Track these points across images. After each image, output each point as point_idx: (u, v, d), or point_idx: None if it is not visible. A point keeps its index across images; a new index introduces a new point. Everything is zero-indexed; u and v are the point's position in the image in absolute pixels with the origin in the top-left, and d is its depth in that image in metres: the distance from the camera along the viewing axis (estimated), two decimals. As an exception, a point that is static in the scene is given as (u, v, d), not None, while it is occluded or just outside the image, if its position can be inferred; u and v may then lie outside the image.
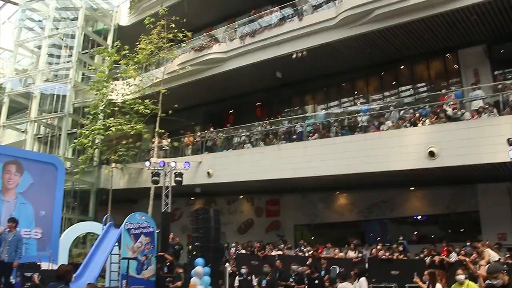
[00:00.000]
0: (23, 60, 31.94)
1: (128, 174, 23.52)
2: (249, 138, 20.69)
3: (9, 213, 13.94)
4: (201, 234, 15.00)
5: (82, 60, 26.59)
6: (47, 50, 27.08)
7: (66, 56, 26.70)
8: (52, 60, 27.44)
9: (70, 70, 25.61)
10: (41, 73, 26.60)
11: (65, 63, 26.29)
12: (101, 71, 23.10)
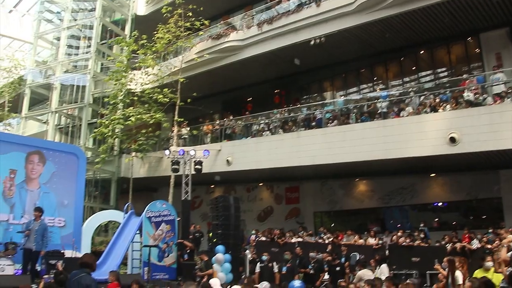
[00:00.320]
0: (43, 52, 32.26)
1: (148, 163, 23.70)
2: (268, 126, 20.65)
3: (33, 202, 14.26)
4: (221, 221, 15.12)
5: (100, 50, 26.73)
6: (66, 42, 27.28)
7: (85, 47, 26.87)
8: (71, 51, 27.63)
9: (89, 61, 25.77)
10: (60, 64, 26.82)
11: (84, 54, 26.45)
12: (120, 61, 23.25)
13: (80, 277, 6.00)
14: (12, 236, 12.42)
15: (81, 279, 5.97)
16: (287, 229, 19.59)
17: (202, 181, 22.08)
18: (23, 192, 14.55)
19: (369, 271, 11.80)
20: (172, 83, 21.47)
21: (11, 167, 14.38)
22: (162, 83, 22.08)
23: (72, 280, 6.07)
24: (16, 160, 14.54)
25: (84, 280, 5.97)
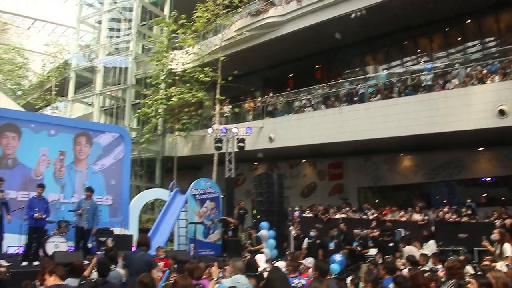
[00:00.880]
0: (86, 36, 32.91)
1: (191, 142, 23.97)
2: (310, 102, 20.50)
3: (82, 182, 14.68)
4: (265, 198, 15.19)
5: (141, 32, 27.03)
6: (107, 25, 27.75)
7: (125, 29, 27.23)
8: (113, 34, 28.07)
9: (130, 43, 26.15)
10: (103, 47, 27.33)
11: (125, 36, 26.84)
12: (160, 41, 23.44)
13: (141, 254, 6.83)
14: (64, 215, 12.86)
15: (142, 256, 6.79)
16: (330, 205, 19.52)
17: (245, 159, 22.17)
18: (72, 173, 14.99)
19: (413, 247, 11.65)
20: (212, 62, 21.51)
21: (60, 149, 14.82)
22: (202, 62, 22.16)
23: (134, 257, 6.86)
24: (64, 142, 14.97)
25: (145, 257, 6.78)
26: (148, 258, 6.86)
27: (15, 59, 36.87)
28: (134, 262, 6.81)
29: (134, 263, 6.77)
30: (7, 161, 13.78)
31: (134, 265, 6.75)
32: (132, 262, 6.85)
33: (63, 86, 31.20)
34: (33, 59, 39.26)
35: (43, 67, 36.23)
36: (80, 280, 6.23)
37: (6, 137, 13.83)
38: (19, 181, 13.61)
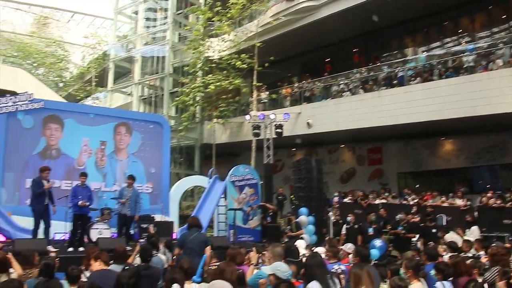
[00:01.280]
0: (123, 26, 33.35)
1: (229, 129, 24.07)
2: (348, 86, 20.26)
3: (122, 171, 14.97)
4: (304, 184, 15.15)
5: (177, 20, 27.20)
6: (144, 15, 28.05)
7: (161, 18, 27.46)
8: (149, 23, 28.36)
9: (167, 32, 26.38)
10: (140, 37, 27.68)
11: (162, 26, 27.07)
12: (196, 29, 23.52)
13: (196, 234, 7.25)
14: (106, 203, 13.16)
15: (197, 236, 7.24)
16: (370, 190, 19.31)
17: (283, 145, 22.14)
18: (113, 162, 15.28)
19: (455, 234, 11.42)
20: (249, 48, 21.46)
21: (101, 138, 15.12)
22: (239, 49, 22.15)
23: (190, 238, 7.22)
24: (105, 132, 15.26)
25: (200, 236, 7.26)
26: (204, 238, 7.32)
27: (56, 52, 37.85)
28: (190, 241, 7.16)
29: (191, 243, 7.13)
30: (51, 151, 14.16)
31: (191, 244, 7.11)
32: (188, 242, 7.17)
33: (102, 77, 31.81)
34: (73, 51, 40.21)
35: (83, 59, 37.04)
36: (124, 266, 6.36)
37: (50, 129, 14.20)
38: (63, 171, 13.98)
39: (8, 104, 12.88)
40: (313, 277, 4.70)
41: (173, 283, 4.21)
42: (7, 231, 11.35)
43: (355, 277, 4.38)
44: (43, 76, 35.48)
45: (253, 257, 5.88)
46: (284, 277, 4.55)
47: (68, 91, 37.30)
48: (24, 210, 12.20)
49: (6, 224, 11.73)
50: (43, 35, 39.30)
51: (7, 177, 13.36)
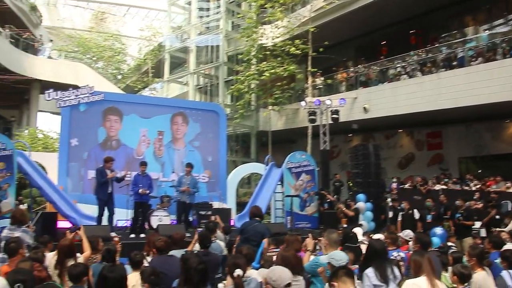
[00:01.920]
0: (177, 17, 33.82)
1: (285, 115, 24.02)
2: (405, 69, 19.69)
3: (180, 160, 15.24)
4: (361, 170, 14.94)
5: (230, 9, 27.31)
6: (197, 5, 28.36)
7: (214, 7, 27.66)
8: (203, 13, 28.64)
9: (220, 21, 26.55)
10: (194, 27, 28.03)
11: (215, 15, 27.27)
12: (249, 17, 23.53)
13: (255, 225, 7.34)
14: (166, 190, 13.48)
15: (256, 227, 7.31)
16: (429, 176, 18.79)
17: (340, 130, 21.89)
18: (171, 152, 15.58)
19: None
20: (302, 34, 21.26)
21: (159, 128, 15.45)
22: (292, 35, 21.99)
23: (249, 228, 7.37)
24: (163, 122, 15.56)
25: (258, 227, 7.31)
26: (261, 229, 7.32)
27: (114, 46, 38.94)
28: (247, 231, 7.30)
29: (248, 232, 7.27)
30: (111, 142, 14.64)
31: (247, 234, 7.25)
32: (246, 231, 7.33)
33: (158, 68, 32.44)
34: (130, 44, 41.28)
35: (139, 51, 37.94)
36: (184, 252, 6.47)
37: (109, 120, 14.67)
38: (123, 161, 14.39)
39: (71, 98, 13.38)
40: (371, 263, 4.66)
41: (236, 268, 4.23)
42: (73, 218, 11.81)
43: (416, 264, 4.28)
44: (102, 69, 36.60)
45: (310, 244, 5.86)
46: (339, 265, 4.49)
47: (126, 83, 38.30)
48: (88, 198, 12.73)
49: (72, 211, 12.21)
50: (101, 29, 40.51)
51: (71, 167, 13.97)
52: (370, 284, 4.54)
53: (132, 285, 4.92)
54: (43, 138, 20.92)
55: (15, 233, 6.37)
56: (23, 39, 24.90)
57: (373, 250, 4.80)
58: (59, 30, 39.50)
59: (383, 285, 4.53)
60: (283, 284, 3.53)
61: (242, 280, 4.17)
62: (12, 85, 24.49)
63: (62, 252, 5.45)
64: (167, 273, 4.74)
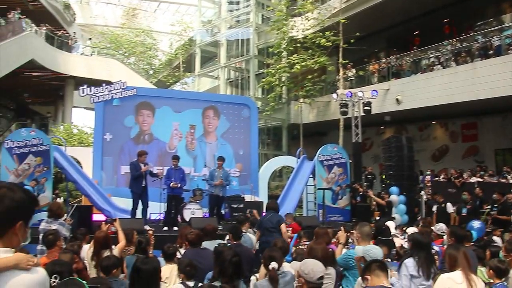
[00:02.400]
0: (207, 12, 33.98)
1: (316, 108, 23.89)
2: (439, 59, 19.29)
3: (212, 154, 15.37)
4: (394, 162, 14.74)
5: (260, 2, 27.27)
6: (227, -1, 28.42)
7: (244, 1, 27.65)
8: (233, 7, 28.70)
9: (250, 14, 26.54)
10: (224, 21, 28.10)
11: (245, 8, 27.27)
12: (279, 10, 23.45)
13: (271, 216, 7.94)
14: (198, 184, 13.61)
15: (271, 217, 7.90)
16: (464, 168, 18.42)
17: (372, 123, 21.65)
18: (203, 145, 15.74)
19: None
20: (333, 25, 21.07)
21: (190, 122, 15.64)
22: (323, 27, 21.82)
23: (265, 219, 7.95)
24: (194, 115, 15.75)
25: (273, 217, 7.88)
26: (277, 218, 7.92)
27: (145, 41, 39.38)
28: (265, 222, 7.87)
29: (265, 223, 7.84)
30: (144, 136, 14.88)
31: (265, 225, 7.82)
32: (263, 223, 7.89)
33: (189, 62, 32.69)
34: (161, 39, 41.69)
35: (170, 46, 38.29)
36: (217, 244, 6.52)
37: (142, 115, 14.91)
38: (156, 155, 14.61)
39: (104, 93, 13.61)
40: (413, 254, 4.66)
41: (272, 261, 4.24)
42: (108, 211, 12.03)
43: (451, 258, 4.20)
44: (134, 65, 37.08)
45: (342, 237, 5.83)
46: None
47: (158, 77, 38.71)
48: (121, 192, 12.98)
49: (107, 204, 12.43)
50: (132, 25, 41.00)
51: (106, 161, 14.25)
52: (407, 273, 4.54)
53: (166, 277, 4.99)
54: (78, 133, 21.37)
55: (52, 226, 6.59)
56: (58, 37, 25.40)
57: (417, 243, 4.77)
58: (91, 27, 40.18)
59: (420, 277, 4.50)
60: (316, 277, 3.52)
61: (277, 273, 4.18)
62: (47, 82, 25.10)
63: (98, 244, 5.60)
64: (200, 265, 4.77)
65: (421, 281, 4.49)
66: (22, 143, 11.23)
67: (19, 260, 1.93)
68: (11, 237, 1.97)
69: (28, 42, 21.24)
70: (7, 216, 1.94)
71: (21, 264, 1.92)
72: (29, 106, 30.89)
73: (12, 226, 1.96)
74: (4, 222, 1.94)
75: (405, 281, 4.54)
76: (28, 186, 10.69)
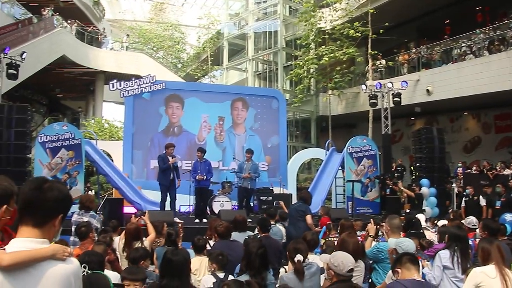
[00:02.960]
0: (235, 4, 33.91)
1: (345, 100, 23.70)
2: (471, 48, 18.86)
3: (241, 145, 15.50)
4: (425, 154, 14.54)
5: (287, -7, 27.13)
6: (254, -9, 28.32)
7: (271, -8, 27.53)
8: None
9: (278, 6, 26.43)
10: (251, 13, 28.03)
11: (272, 0, 27.11)
12: (307, 1, 23.21)
13: (298, 205, 8.43)
14: (227, 176, 13.68)
15: (298, 206, 8.35)
16: (497, 160, 18.01)
17: (402, 114, 21.34)
18: (232, 137, 15.88)
19: None
20: (362, 16, 20.79)
21: (219, 114, 15.81)
22: (351, 17, 21.59)
23: (292, 208, 8.56)
24: (223, 108, 15.93)
25: (299, 207, 8.28)
26: (303, 208, 8.20)
27: (173, 35, 39.63)
28: (291, 210, 8.41)
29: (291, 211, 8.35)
30: (174, 129, 15.10)
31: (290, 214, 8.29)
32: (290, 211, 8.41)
33: (217, 55, 32.74)
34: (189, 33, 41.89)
35: (198, 39, 38.41)
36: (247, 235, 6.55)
37: (171, 107, 15.13)
38: (185, 147, 14.79)
39: (134, 87, 13.77)
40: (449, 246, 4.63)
41: (297, 253, 4.24)
42: (138, 204, 12.20)
43: (484, 252, 4.13)
44: (162, 59, 37.31)
45: (371, 229, 5.79)
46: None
47: (187, 71, 38.93)
48: (151, 185, 13.14)
49: (137, 197, 12.60)
50: (160, 20, 41.28)
51: (136, 154, 14.47)
52: (440, 265, 4.49)
53: (195, 268, 5.02)
54: (109, 127, 21.69)
55: (84, 218, 6.73)
56: (88, 33, 25.79)
57: (454, 236, 4.72)
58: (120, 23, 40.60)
59: (453, 269, 4.44)
60: (345, 269, 3.50)
61: (303, 265, 4.17)
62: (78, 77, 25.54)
63: (129, 235, 5.73)
64: (230, 257, 4.80)
65: (455, 273, 4.44)
66: (54, 137, 11.45)
67: (56, 250, 2.01)
68: (50, 229, 2.05)
69: (59, 38, 21.64)
70: (53, 206, 2.04)
71: (57, 254, 2.01)
72: (61, 101, 31.51)
73: (54, 218, 2.06)
74: (49, 212, 2.04)
75: (437, 272, 4.51)
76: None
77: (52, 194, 2.03)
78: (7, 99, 17.70)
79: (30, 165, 11.34)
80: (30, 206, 2.01)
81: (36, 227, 2.01)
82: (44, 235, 2.02)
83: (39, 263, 1.95)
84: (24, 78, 16.91)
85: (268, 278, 4.15)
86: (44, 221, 2.02)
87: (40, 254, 1.96)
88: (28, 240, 1.98)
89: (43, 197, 2.01)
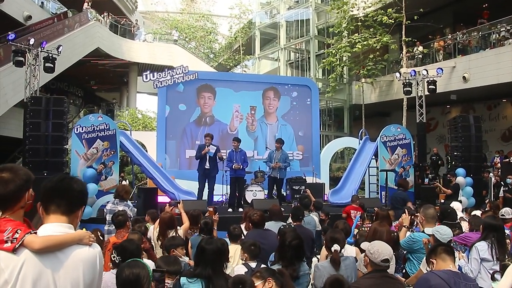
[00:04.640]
0: (266, -7, 33.80)
1: (378, 88, 23.38)
2: (510, 33, 18.30)
3: (272, 134, 15.53)
4: (461, 143, 14.21)
5: (319, -19, 26.87)
6: (286, -21, 28.14)
7: (303, -19, 27.32)
8: (292, -13, 28.47)
9: (310, -6, 26.22)
10: (283, 2, 27.88)
11: (304, -12, 26.96)
12: (339, -12, 22.95)
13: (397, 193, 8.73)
14: (259, 165, 13.70)
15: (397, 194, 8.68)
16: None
17: (437, 102, 20.95)
18: (264, 126, 15.91)
19: None
20: (395, 2, 20.37)
21: (251, 104, 15.88)
22: (385, 3, 21.22)
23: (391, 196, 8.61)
24: (255, 97, 15.98)
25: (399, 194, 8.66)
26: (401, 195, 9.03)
27: (205, 26, 39.80)
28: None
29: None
30: (206, 119, 15.23)
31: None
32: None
33: (249, 45, 32.75)
34: (220, 23, 42.06)
35: (230, 29, 38.43)
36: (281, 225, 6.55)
37: (203, 97, 15.25)
38: (217, 136, 14.83)
39: (167, 78, 13.91)
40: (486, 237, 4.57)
41: (334, 243, 4.22)
42: (172, 193, 12.32)
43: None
44: (195, 50, 37.52)
45: (405, 219, 5.71)
46: (442, 240, 4.35)
47: (219, 61, 39.06)
48: (185, 174, 13.31)
49: (171, 187, 12.75)
50: (192, 10, 41.48)
51: (169, 144, 14.66)
52: (477, 257, 4.41)
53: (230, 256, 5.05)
54: (142, 118, 21.98)
55: (119, 207, 6.87)
56: (121, 25, 26.12)
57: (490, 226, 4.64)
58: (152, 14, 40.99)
59: (492, 261, 4.35)
60: (380, 258, 3.46)
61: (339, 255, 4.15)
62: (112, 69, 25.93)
63: (163, 224, 5.82)
64: (264, 247, 4.81)
65: (492, 265, 4.34)
66: (90, 128, 11.64)
67: (82, 236, 2.19)
68: (74, 219, 2.22)
69: (93, 31, 22.02)
70: (79, 196, 2.23)
71: (84, 239, 2.19)
72: (96, 93, 32.11)
73: (79, 209, 2.25)
74: (75, 201, 2.22)
75: (474, 264, 4.42)
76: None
77: (77, 185, 2.22)
78: (44, 92, 18.16)
79: (67, 155, 11.56)
80: (58, 195, 2.17)
81: (64, 214, 2.17)
82: (71, 223, 2.19)
83: (67, 247, 2.11)
84: (60, 71, 17.28)
85: (302, 269, 4.13)
86: (71, 209, 2.19)
87: (68, 239, 2.12)
88: (57, 225, 2.14)
89: (70, 187, 2.19)
